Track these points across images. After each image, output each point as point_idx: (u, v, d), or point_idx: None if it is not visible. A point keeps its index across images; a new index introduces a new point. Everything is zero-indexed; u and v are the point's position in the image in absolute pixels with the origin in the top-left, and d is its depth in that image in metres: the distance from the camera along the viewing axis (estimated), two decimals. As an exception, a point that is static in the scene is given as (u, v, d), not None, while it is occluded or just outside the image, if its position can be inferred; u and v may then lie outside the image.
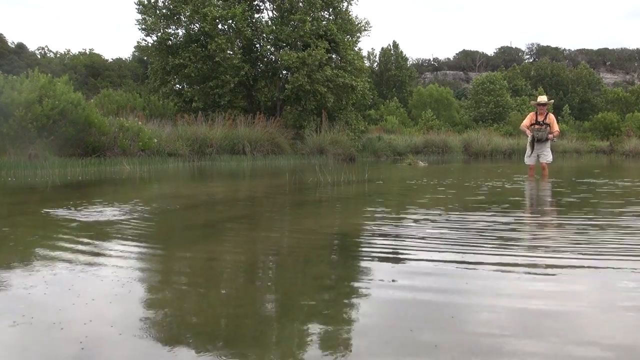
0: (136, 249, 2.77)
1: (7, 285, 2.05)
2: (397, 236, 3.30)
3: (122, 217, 4.28)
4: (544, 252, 2.63)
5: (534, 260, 2.44)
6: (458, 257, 2.51)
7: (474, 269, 2.30)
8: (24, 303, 1.82)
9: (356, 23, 20.60)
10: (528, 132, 9.28)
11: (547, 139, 8.89)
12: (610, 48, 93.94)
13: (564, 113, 45.91)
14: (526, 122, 9.22)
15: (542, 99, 9.08)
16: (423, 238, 3.08)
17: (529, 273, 2.20)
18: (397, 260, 2.47)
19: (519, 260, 2.48)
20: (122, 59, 53.06)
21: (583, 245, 2.76)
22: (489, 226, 3.86)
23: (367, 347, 1.40)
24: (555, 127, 8.95)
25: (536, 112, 9.06)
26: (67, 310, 1.75)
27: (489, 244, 3.00)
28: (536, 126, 8.98)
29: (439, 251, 2.66)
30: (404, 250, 2.75)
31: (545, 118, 8.95)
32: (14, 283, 2.08)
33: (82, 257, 2.51)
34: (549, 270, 2.22)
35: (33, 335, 1.50)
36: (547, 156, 8.98)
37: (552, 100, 9.78)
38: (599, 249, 2.65)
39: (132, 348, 1.41)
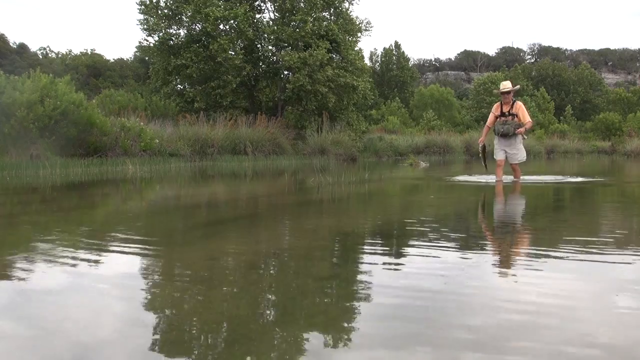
0: (137, 249, 2.77)
1: (7, 285, 2.05)
2: (397, 236, 3.30)
3: (124, 217, 4.29)
4: (542, 251, 2.62)
5: (533, 258, 2.44)
6: (458, 257, 2.51)
7: (475, 268, 2.30)
8: (24, 302, 1.82)
9: (357, 23, 20.58)
10: (481, 140, 7.81)
11: (514, 134, 7.26)
12: (611, 48, 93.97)
13: (566, 113, 45.84)
14: (491, 118, 7.56)
15: (505, 85, 7.37)
16: (423, 238, 3.08)
17: (528, 272, 2.19)
18: (398, 260, 2.47)
19: (519, 259, 2.48)
20: (123, 59, 53.11)
21: (579, 243, 2.76)
22: (489, 225, 3.86)
23: (368, 347, 1.40)
24: (526, 118, 7.26)
25: (501, 103, 7.45)
26: (68, 310, 1.75)
27: (489, 243, 3.00)
28: (501, 119, 7.38)
29: (439, 251, 2.65)
30: (404, 250, 2.75)
31: (512, 108, 7.31)
32: (13, 282, 2.09)
33: (82, 257, 2.52)
34: (547, 268, 2.21)
35: (32, 335, 1.50)
36: (517, 155, 7.39)
37: (518, 86, 7.73)
38: (595, 246, 2.65)
39: (132, 348, 1.41)
